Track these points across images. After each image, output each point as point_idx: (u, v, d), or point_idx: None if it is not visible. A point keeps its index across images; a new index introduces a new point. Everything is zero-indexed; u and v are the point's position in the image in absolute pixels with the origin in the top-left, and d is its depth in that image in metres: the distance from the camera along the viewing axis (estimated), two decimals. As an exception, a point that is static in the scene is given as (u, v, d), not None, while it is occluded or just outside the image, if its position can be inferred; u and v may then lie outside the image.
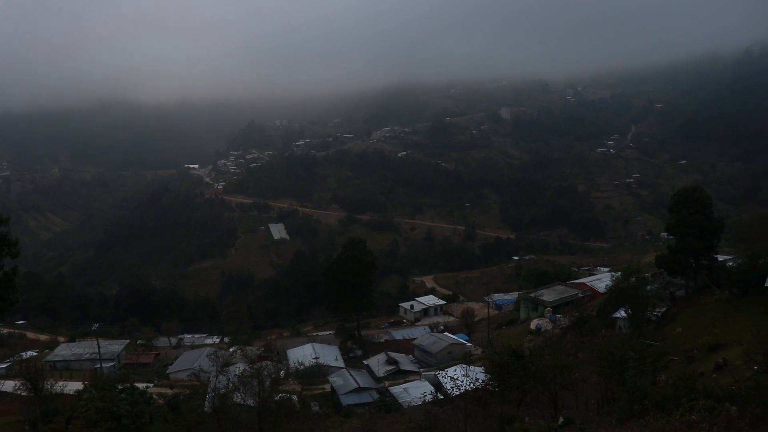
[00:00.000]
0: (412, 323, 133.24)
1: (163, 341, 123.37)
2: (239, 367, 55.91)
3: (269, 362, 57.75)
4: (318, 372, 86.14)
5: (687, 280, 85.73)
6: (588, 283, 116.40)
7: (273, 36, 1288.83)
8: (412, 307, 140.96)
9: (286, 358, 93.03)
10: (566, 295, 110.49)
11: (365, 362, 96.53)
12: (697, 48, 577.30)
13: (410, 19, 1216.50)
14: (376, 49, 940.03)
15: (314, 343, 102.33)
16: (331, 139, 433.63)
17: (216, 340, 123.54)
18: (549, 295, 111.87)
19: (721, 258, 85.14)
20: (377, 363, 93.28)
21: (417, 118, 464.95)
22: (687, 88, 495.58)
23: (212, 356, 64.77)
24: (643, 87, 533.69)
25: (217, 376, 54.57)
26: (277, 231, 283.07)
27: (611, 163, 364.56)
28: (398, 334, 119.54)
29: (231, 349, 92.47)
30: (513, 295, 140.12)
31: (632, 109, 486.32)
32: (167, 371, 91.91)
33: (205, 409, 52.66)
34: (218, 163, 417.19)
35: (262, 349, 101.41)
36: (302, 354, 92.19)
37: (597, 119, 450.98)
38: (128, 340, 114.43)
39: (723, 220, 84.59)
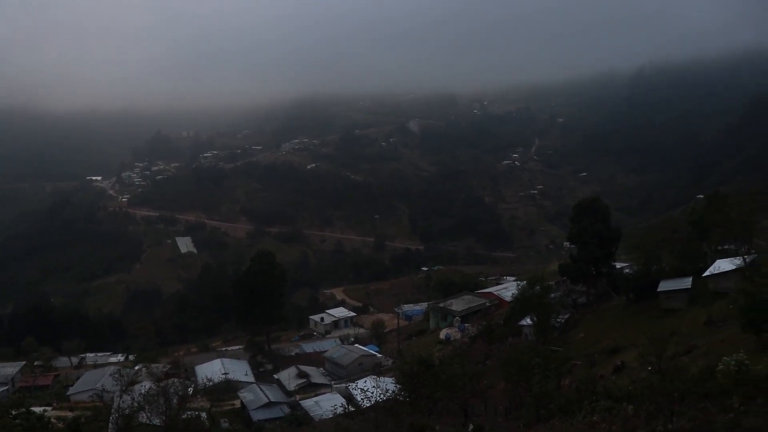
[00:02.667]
0: (323, 336, 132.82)
1: (63, 361, 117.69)
2: (145, 386, 54.18)
3: (176, 379, 56.27)
4: (227, 388, 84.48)
5: (588, 287, 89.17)
6: (495, 293, 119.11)
7: (185, 44, 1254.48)
8: (322, 319, 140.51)
9: (194, 374, 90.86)
10: (474, 305, 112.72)
11: (276, 376, 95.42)
12: (596, 65, 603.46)
13: (322, 33, 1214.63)
14: (288, 62, 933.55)
15: (223, 359, 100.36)
16: (239, 151, 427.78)
17: (121, 358, 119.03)
18: (457, 304, 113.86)
19: (619, 265, 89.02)
20: (288, 377, 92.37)
21: (327, 130, 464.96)
22: (587, 103, 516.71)
23: (116, 375, 62.31)
24: (546, 102, 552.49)
25: (121, 396, 52.62)
26: (185, 244, 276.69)
27: (517, 174, 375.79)
28: (309, 347, 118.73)
29: (136, 367, 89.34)
30: (423, 306, 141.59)
31: (536, 122, 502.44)
32: (67, 393, 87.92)
33: (109, 431, 50.76)
34: (123, 174, 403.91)
35: (169, 366, 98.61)
36: (211, 370, 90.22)
37: (503, 132, 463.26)
38: (24, 362, 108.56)
39: (620, 230, 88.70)
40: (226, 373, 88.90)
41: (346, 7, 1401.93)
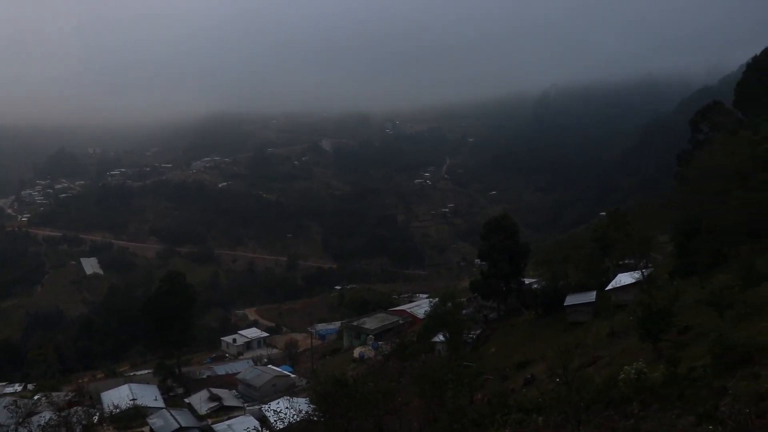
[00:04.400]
0: (235, 357, 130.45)
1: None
2: (44, 417, 51.77)
3: (80, 408, 54.11)
4: (136, 414, 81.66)
5: (498, 302, 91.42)
6: (408, 310, 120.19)
7: (91, 57, 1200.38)
8: (234, 340, 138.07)
9: (99, 401, 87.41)
10: (387, 323, 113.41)
11: (187, 400, 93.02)
12: (505, 87, 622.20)
13: (235, 50, 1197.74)
14: (200, 78, 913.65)
15: (131, 384, 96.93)
16: (149, 169, 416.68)
17: (18, 387, 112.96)
18: (371, 323, 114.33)
19: (527, 281, 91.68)
20: (199, 400, 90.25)
21: (239, 148, 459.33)
22: (496, 124, 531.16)
23: (12, 407, 58.99)
24: (457, 122, 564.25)
25: (17, 429, 50.12)
26: (90, 266, 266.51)
27: (428, 193, 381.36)
28: (221, 369, 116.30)
29: (35, 397, 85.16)
30: (336, 325, 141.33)
31: (447, 142, 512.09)
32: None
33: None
34: (23, 193, 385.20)
35: (72, 393, 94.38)
36: (118, 396, 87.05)
37: (415, 151, 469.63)
38: None
39: (529, 246, 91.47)
40: (134, 399, 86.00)
41: (260, 25, 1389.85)
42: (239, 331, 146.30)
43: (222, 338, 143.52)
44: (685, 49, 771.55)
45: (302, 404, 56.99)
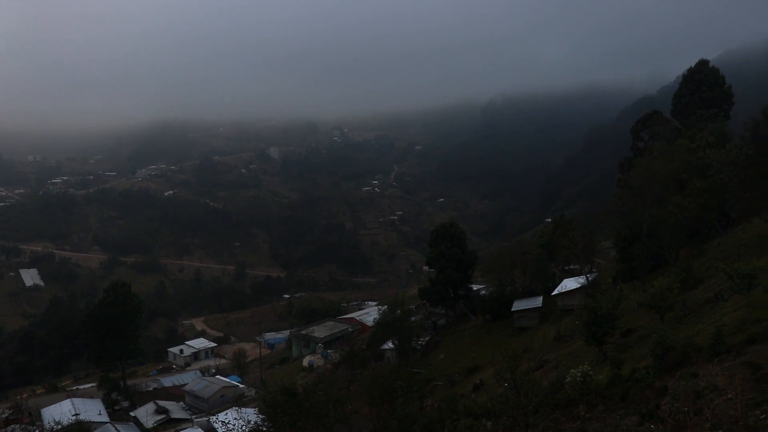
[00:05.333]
0: (183, 368, 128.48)
1: None
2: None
3: (18, 425, 52.56)
4: (79, 430, 79.60)
5: (447, 309, 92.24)
6: (357, 318, 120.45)
7: (30, 59, 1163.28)
8: (181, 351, 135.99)
9: (40, 418, 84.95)
10: (337, 331, 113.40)
11: (132, 414, 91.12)
12: (452, 95, 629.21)
13: (180, 57, 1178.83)
14: (145, 84, 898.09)
15: (74, 399, 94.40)
16: (92, 177, 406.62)
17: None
18: (320, 331, 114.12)
19: (475, 287, 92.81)
20: (145, 413, 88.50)
21: (185, 156, 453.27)
22: (443, 132, 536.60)
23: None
24: (404, 130, 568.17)
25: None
26: (30, 277, 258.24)
27: (376, 201, 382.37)
28: (168, 381, 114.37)
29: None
30: (285, 334, 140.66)
31: (395, 150, 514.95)
32: None
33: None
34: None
35: (10, 411, 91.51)
36: (60, 411, 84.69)
37: (362, 159, 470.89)
38: None
39: (476, 253, 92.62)
40: (76, 414, 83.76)
41: (206, 31, 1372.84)
42: (186, 342, 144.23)
43: (169, 349, 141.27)
44: (627, 61, 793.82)
45: (251, 415, 56.62)
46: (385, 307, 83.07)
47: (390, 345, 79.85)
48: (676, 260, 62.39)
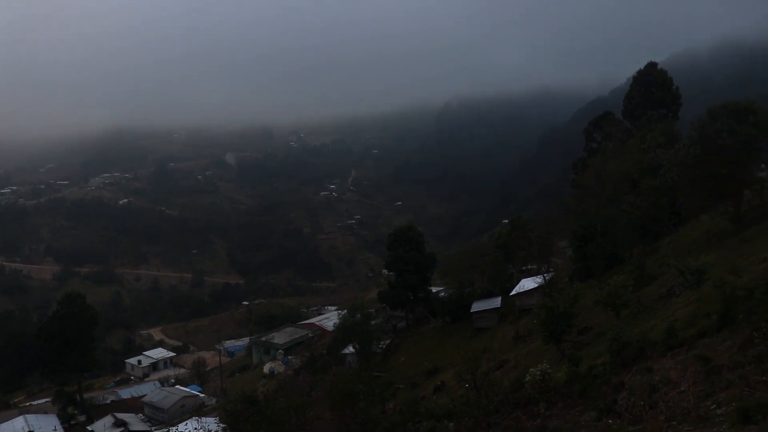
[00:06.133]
0: (141, 379, 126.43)
1: None
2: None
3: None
4: (33, 445, 78.06)
5: (407, 312, 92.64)
6: (317, 323, 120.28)
7: None
8: (139, 362, 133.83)
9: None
10: (297, 337, 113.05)
11: (90, 428, 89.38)
12: (408, 99, 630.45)
13: (133, 62, 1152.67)
14: (97, 90, 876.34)
15: (27, 415, 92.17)
16: (43, 186, 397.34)
17: None
18: (280, 337, 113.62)
19: (434, 290, 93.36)
20: (103, 427, 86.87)
21: (139, 163, 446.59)
22: (400, 136, 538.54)
23: None
24: (361, 134, 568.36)
25: None
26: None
27: (334, 205, 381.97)
28: (126, 393, 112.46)
29: None
30: (245, 341, 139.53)
31: (352, 154, 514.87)
32: None
33: None
34: None
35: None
36: (12, 429, 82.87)
37: (320, 164, 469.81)
38: None
39: (434, 256, 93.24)
40: (30, 431, 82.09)
41: (161, 35, 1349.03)
42: (144, 352, 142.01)
43: (126, 360, 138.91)
44: (580, 64, 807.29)
45: (212, 424, 56.11)
46: (345, 311, 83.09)
47: (350, 349, 79.88)
48: (630, 258, 63.70)
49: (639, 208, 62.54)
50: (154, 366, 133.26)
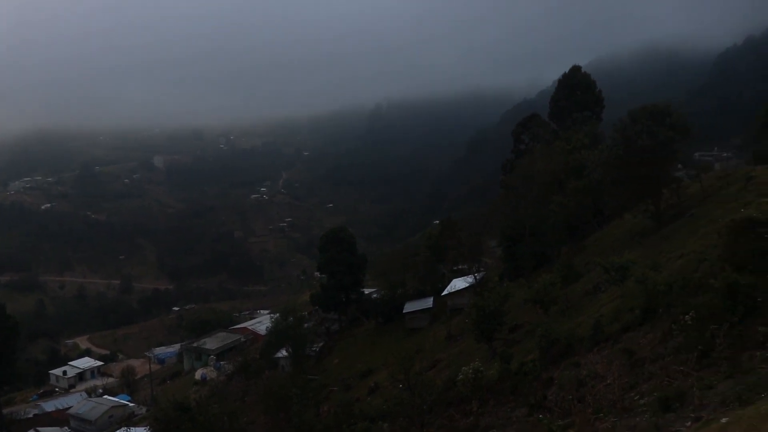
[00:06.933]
0: (67, 390, 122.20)
1: None
2: None
3: None
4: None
5: (340, 314, 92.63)
6: (250, 327, 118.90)
7: None
8: (64, 372, 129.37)
9: None
10: (229, 342, 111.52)
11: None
12: (339, 101, 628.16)
13: (56, 60, 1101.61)
14: (17, 91, 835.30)
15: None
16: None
17: None
18: (212, 343, 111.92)
19: (367, 291, 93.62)
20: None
21: (63, 167, 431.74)
22: (331, 137, 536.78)
23: None
24: (291, 136, 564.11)
25: None
26: None
27: (265, 208, 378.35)
28: (50, 405, 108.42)
29: None
30: (176, 347, 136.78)
31: (283, 157, 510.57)
32: None
33: None
34: None
35: None
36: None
37: (250, 167, 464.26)
38: None
39: (366, 257, 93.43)
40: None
41: (86, 32, 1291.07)
42: (70, 362, 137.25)
43: (50, 371, 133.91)
44: (509, 66, 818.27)
45: (142, 433, 54.93)
46: (278, 314, 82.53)
47: (284, 353, 79.33)
48: (558, 257, 65.35)
49: (566, 207, 64.31)
50: (81, 376, 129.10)
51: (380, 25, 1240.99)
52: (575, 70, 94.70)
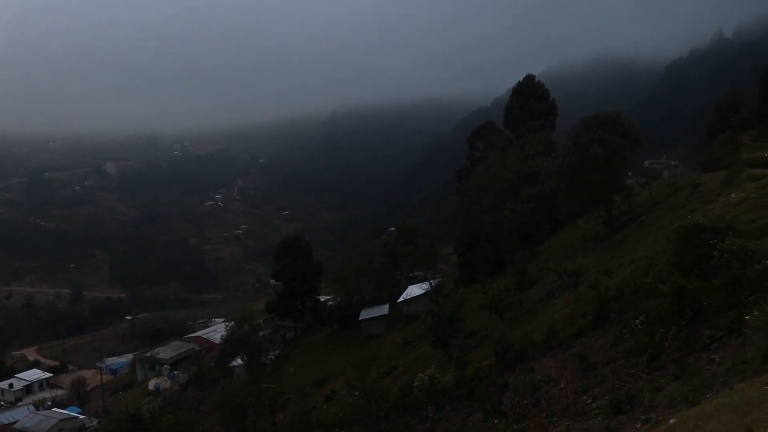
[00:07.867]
0: (13, 404, 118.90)
1: None
2: None
3: None
4: None
5: (295, 321, 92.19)
6: (204, 336, 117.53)
7: None
8: (11, 385, 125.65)
9: None
10: (183, 351, 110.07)
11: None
12: (294, 108, 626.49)
13: (1, 62, 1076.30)
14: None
15: None
16: None
17: None
18: (166, 352, 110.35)
19: (323, 298, 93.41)
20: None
21: (11, 173, 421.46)
22: (286, 144, 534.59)
23: None
24: (246, 143, 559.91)
25: None
26: None
27: (220, 215, 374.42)
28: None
29: None
30: (128, 357, 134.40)
31: (237, 163, 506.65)
32: None
33: None
34: None
35: None
36: None
37: (204, 173, 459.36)
38: None
39: (322, 264, 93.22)
40: None
41: (33, 32, 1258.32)
42: (17, 375, 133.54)
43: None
44: (464, 74, 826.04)
45: (94, 445, 53.79)
46: (233, 323, 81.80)
47: (239, 361, 78.58)
48: (512, 263, 66.08)
49: (520, 214, 65.11)
50: (28, 389, 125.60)
51: (336, 32, 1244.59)
52: (529, 78, 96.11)
